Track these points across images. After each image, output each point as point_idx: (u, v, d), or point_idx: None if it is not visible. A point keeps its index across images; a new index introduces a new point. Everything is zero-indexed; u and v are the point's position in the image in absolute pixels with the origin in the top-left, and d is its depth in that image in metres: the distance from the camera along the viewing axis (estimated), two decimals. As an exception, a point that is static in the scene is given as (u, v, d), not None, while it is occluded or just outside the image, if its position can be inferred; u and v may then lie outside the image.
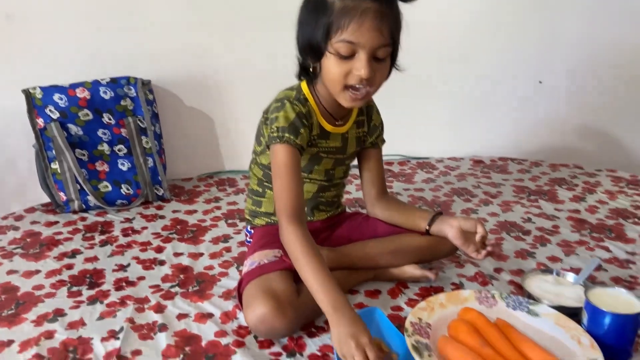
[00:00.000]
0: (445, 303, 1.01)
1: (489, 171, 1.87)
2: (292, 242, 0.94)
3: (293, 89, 1.06)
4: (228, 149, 1.83)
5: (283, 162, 0.99)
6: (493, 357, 0.86)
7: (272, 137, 1.00)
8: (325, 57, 0.95)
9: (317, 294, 0.89)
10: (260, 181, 1.15)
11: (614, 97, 1.98)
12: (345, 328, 0.83)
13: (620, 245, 1.32)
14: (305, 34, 0.96)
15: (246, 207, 1.22)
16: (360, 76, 0.92)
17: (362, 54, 0.91)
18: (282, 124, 0.99)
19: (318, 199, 1.16)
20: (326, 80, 0.98)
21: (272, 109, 1.03)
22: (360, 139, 1.15)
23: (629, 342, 0.90)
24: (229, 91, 1.77)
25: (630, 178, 1.79)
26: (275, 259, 1.04)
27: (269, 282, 0.97)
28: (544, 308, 0.99)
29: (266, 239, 1.11)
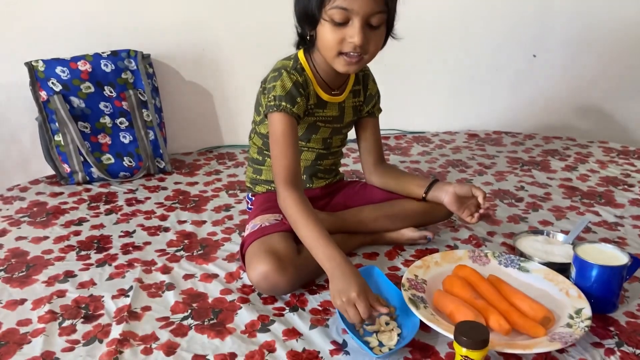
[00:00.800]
0: (440, 261, 1.06)
1: (483, 144, 1.91)
2: (289, 205, 0.98)
3: (290, 58, 1.08)
4: (227, 123, 1.86)
5: (280, 131, 1.02)
6: (485, 308, 0.91)
7: (269, 105, 1.03)
8: (320, 25, 0.96)
9: (315, 251, 0.94)
10: (260, 150, 1.18)
11: (607, 70, 2.01)
12: (338, 283, 0.87)
13: (610, 209, 1.37)
14: (301, 2, 0.98)
15: (247, 176, 1.25)
16: (353, 43, 0.94)
17: (355, 21, 0.93)
18: (279, 93, 1.02)
19: (316, 166, 1.20)
20: (321, 48, 1.00)
21: (270, 79, 1.06)
22: (356, 108, 1.18)
23: (614, 293, 0.95)
24: (228, 65, 1.80)
25: (621, 148, 1.83)
26: (276, 221, 1.08)
27: (270, 242, 1.01)
28: (534, 265, 1.04)
29: (267, 204, 1.15)
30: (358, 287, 0.86)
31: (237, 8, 1.74)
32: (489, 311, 0.90)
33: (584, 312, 0.89)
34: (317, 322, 0.93)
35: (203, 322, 0.93)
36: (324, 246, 0.93)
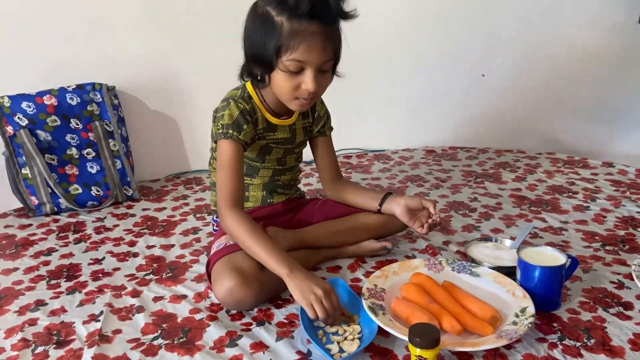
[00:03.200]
0: (398, 271, 1.13)
1: (440, 159, 2.01)
2: (235, 226, 1.04)
3: (238, 88, 1.16)
4: (193, 149, 1.92)
5: (226, 157, 1.08)
6: (439, 311, 0.98)
7: (218, 133, 1.10)
8: (275, 72, 1.03)
9: (269, 262, 1.00)
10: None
11: (549, 87, 2.16)
12: (302, 281, 0.96)
13: (555, 216, 1.47)
14: (254, 48, 1.03)
15: (211, 200, 1.30)
16: (307, 90, 1.02)
17: (309, 71, 1.01)
18: (227, 122, 1.09)
19: (275, 182, 1.26)
20: (275, 91, 1.07)
21: (220, 108, 1.13)
22: (307, 129, 1.26)
23: (556, 292, 1.04)
24: (192, 94, 1.86)
25: (567, 159, 1.96)
26: None
27: (234, 259, 1.06)
28: (484, 269, 1.12)
29: None
30: (322, 284, 0.96)
31: (199, 38, 1.81)
32: (442, 314, 0.97)
33: (528, 310, 0.97)
34: (283, 334, 0.98)
35: (173, 340, 0.96)
36: (277, 257, 0.99)
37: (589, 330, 0.97)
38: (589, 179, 1.74)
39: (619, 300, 1.06)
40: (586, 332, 0.97)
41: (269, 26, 0.99)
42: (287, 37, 0.97)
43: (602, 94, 2.18)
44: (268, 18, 0.99)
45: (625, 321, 0.99)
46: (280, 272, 0.98)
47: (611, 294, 1.08)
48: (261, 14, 1.01)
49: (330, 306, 0.94)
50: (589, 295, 1.08)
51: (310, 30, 0.97)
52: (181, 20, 1.78)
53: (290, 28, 0.97)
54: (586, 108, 2.19)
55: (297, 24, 0.97)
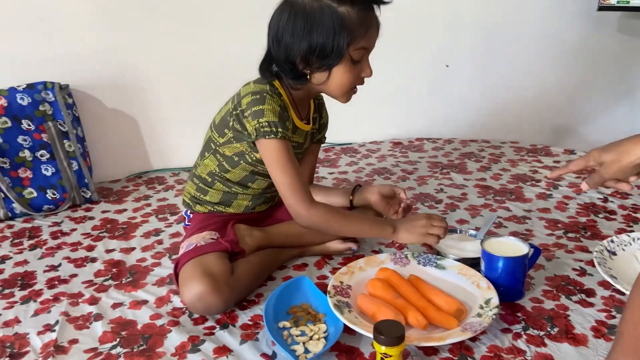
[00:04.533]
0: (364, 266, 1.12)
1: (406, 151, 2.01)
2: (323, 219, 1.06)
3: (263, 83, 1.08)
4: (154, 147, 1.86)
5: (285, 157, 1.04)
6: (404, 306, 0.97)
7: (263, 131, 1.02)
8: (339, 65, 1.02)
9: (373, 233, 1.12)
10: (213, 172, 1.18)
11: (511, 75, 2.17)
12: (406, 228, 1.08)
13: (519, 204, 1.48)
14: (315, 45, 0.99)
15: (187, 191, 1.24)
16: (366, 77, 1.06)
17: (366, 58, 1.05)
18: (272, 119, 1.02)
19: (265, 194, 1.23)
20: (334, 85, 1.05)
21: (250, 102, 1.04)
22: (313, 135, 1.24)
23: (519, 281, 1.04)
24: (151, 90, 1.80)
25: (530, 147, 1.98)
26: (211, 240, 1.10)
27: (205, 262, 1.03)
28: (449, 262, 1.12)
29: (205, 223, 1.17)
30: (417, 218, 1.09)
31: (156, 33, 1.75)
32: (408, 309, 0.96)
33: (492, 301, 0.97)
34: (247, 337, 0.96)
35: (132, 349, 0.93)
36: (375, 224, 1.10)
37: (552, 319, 0.98)
38: (551, 166, 1.77)
39: (581, 288, 1.07)
40: (549, 320, 0.97)
41: (334, 19, 0.98)
42: (357, 26, 0.99)
43: (563, 82, 2.22)
44: (328, 11, 0.98)
45: (588, 308, 1.01)
46: (387, 235, 1.09)
47: (574, 281, 1.10)
48: (316, 9, 0.98)
49: (439, 224, 1.08)
50: (552, 284, 1.09)
51: (372, 15, 1.02)
52: (137, 14, 1.72)
53: (358, 16, 0.99)
54: (548, 96, 2.22)
55: (363, 11, 1.00)
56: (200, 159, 1.21)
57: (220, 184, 1.18)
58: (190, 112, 1.83)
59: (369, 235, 1.18)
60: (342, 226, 1.09)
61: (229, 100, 1.14)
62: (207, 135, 1.19)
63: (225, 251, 1.08)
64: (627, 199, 1.49)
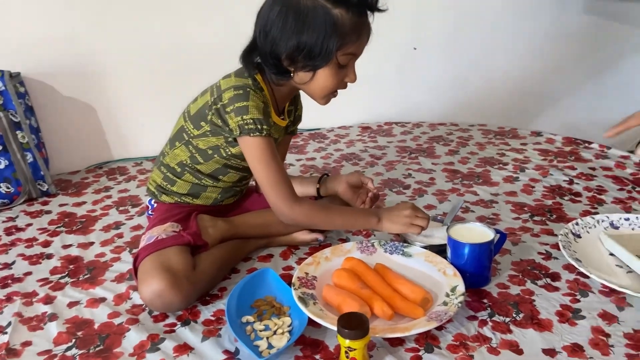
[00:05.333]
0: (330, 256, 1.09)
1: (375, 136, 1.98)
2: (307, 216, 1.05)
3: (244, 76, 1.04)
4: (115, 137, 1.79)
5: (268, 154, 1.02)
6: (370, 296, 0.95)
7: (248, 129, 1.00)
8: (323, 68, 0.98)
9: (358, 225, 1.13)
10: (183, 163, 1.13)
11: (479, 57, 2.17)
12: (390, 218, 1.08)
13: (486, 188, 1.48)
14: (304, 45, 0.96)
15: (152, 179, 1.19)
16: (349, 83, 1.04)
17: (352, 63, 1.02)
18: (257, 115, 1.00)
19: (234, 188, 1.20)
20: (315, 86, 1.02)
21: (232, 97, 1.00)
22: (287, 129, 1.21)
23: (486, 267, 1.04)
24: (110, 77, 1.73)
25: (498, 130, 1.98)
26: (173, 233, 1.06)
27: (165, 256, 0.99)
28: (416, 249, 1.10)
29: (168, 214, 1.13)
30: (402, 206, 1.10)
31: (115, 17, 1.68)
32: (374, 299, 0.95)
33: (458, 288, 0.96)
34: (209, 333, 0.93)
35: (88, 350, 0.89)
36: (360, 215, 1.11)
37: (517, 305, 0.97)
38: (518, 149, 1.77)
39: (547, 272, 1.07)
40: (515, 306, 0.97)
41: (327, 21, 0.94)
42: (349, 31, 0.96)
43: (531, 64, 2.22)
44: (322, 11, 0.94)
45: (553, 292, 1.01)
46: (372, 226, 1.10)
47: (539, 265, 1.10)
48: (310, 7, 0.95)
49: (423, 215, 1.09)
50: (518, 268, 1.09)
51: (365, 22, 0.99)
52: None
53: (351, 21, 0.96)
54: (516, 78, 2.22)
55: (357, 16, 0.97)
56: (169, 147, 1.16)
57: (189, 175, 1.14)
58: (152, 100, 1.77)
59: (354, 227, 1.19)
60: (327, 221, 1.09)
61: (207, 90, 1.10)
62: (179, 124, 1.14)
63: (187, 244, 1.04)
64: (592, 180, 1.50)
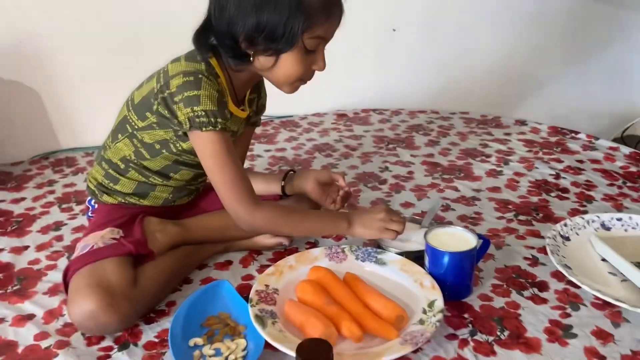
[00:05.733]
0: (294, 264, 0.97)
1: (351, 124, 1.86)
2: (269, 222, 0.93)
3: (196, 60, 0.90)
4: (62, 124, 1.63)
5: (224, 151, 0.88)
6: (337, 314, 0.84)
7: (199, 122, 0.86)
8: (288, 53, 0.86)
9: (326, 230, 1.02)
10: (127, 158, 0.99)
11: (463, 40, 2.04)
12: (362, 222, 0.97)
13: (468, 183, 1.37)
14: (264, 24, 0.83)
15: (92, 176, 1.05)
16: (318, 70, 0.91)
17: (322, 49, 0.90)
18: (210, 107, 0.86)
19: (187, 187, 1.06)
20: (279, 73, 0.90)
21: (182, 85, 0.86)
22: (248, 119, 1.07)
23: (467, 277, 0.93)
24: (55, 59, 1.56)
25: (480, 118, 1.87)
26: (112, 241, 0.92)
27: (101, 270, 0.85)
28: (391, 256, 0.99)
29: (109, 218, 0.99)
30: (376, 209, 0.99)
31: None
32: (341, 318, 0.83)
33: (437, 304, 0.85)
34: (150, 358, 0.80)
35: (4, 383, 0.76)
36: (328, 220, 0.99)
37: (502, 320, 0.87)
38: (502, 139, 1.66)
39: (534, 280, 0.97)
40: (499, 322, 0.87)
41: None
42: (317, 11, 0.84)
43: (515, 49, 2.11)
44: None
45: (541, 305, 0.90)
46: (342, 231, 0.99)
47: (525, 272, 0.99)
48: None
49: (398, 219, 0.98)
50: (502, 276, 0.98)
51: (335, 2, 0.88)
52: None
53: (321, 1, 0.84)
54: (499, 63, 2.11)
55: None
56: (111, 140, 1.01)
57: (135, 173, 1.00)
58: (104, 82, 1.60)
59: (322, 233, 1.08)
60: (292, 227, 0.97)
61: (153, 75, 0.95)
62: (122, 113, 1.00)
63: (128, 254, 0.90)
64: (580, 174, 1.40)
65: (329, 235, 1.11)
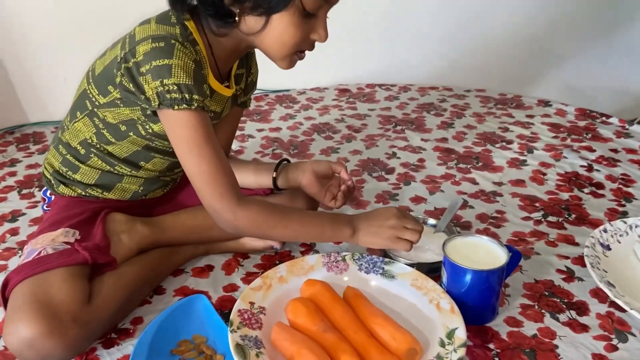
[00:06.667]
0: (286, 276, 0.81)
1: (354, 101, 1.67)
2: (254, 221, 0.77)
3: (169, 22, 0.74)
4: (29, 95, 1.46)
5: (202, 136, 0.73)
6: (336, 344, 0.69)
7: (170, 98, 0.71)
8: (283, 12, 0.71)
9: (325, 236, 0.83)
10: (87, 142, 0.83)
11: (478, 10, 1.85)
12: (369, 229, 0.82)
13: (487, 175, 1.20)
14: None
15: (48, 162, 0.89)
16: (318, 41, 0.77)
17: (322, 15, 0.75)
18: (184, 79, 0.71)
19: (161, 178, 0.90)
20: (271, 40, 0.74)
21: (150, 52, 0.71)
22: (235, 98, 0.90)
23: (492, 298, 0.77)
24: (19, 23, 1.37)
25: (499, 97, 1.69)
26: (64, 247, 0.75)
27: (46, 284, 0.69)
28: (400, 267, 0.83)
29: (67, 213, 0.82)
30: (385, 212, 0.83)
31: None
32: (340, 350, 0.68)
33: (457, 334, 0.70)
34: (106, 395, 0.65)
35: None
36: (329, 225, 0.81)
37: (535, 354, 0.72)
38: (524, 122, 1.48)
39: (570, 300, 0.82)
40: (532, 356, 0.71)
41: None
42: None
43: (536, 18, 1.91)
44: None
45: (581, 334, 0.75)
46: (344, 239, 0.83)
47: (559, 290, 0.84)
48: None
49: (413, 226, 0.82)
50: (533, 294, 0.83)
51: None
52: None
53: None
54: (519, 34, 1.92)
55: None
56: (69, 119, 0.84)
57: (97, 160, 0.84)
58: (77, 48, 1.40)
59: (319, 240, 0.91)
60: (282, 231, 0.81)
61: (119, 41, 0.77)
62: (82, 86, 0.82)
63: (83, 264, 0.74)
64: (616, 166, 1.23)
65: (328, 242, 0.94)
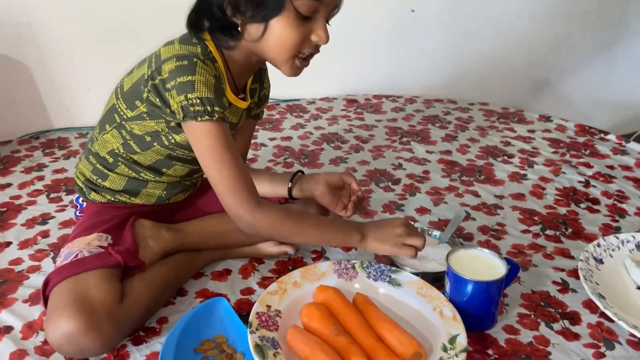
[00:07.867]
0: (299, 281, 0.88)
1: (362, 111, 1.74)
2: (273, 223, 0.84)
3: (191, 42, 0.81)
4: (55, 101, 1.52)
5: (223, 144, 0.79)
6: (347, 347, 0.75)
7: (194, 111, 0.77)
8: (281, 17, 0.77)
9: (337, 241, 0.91)
10: (115, 152, 0.89)
11: (487, 22, 1.90)
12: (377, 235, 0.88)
13: (489, 188, 1.26)
14: None
15: (79, 171, 0.95)
16: (318, 42, 0.81)
17: (321, 18, 0.79)
18: (207, 94, 0.77)
19: (183, 182, 0.97)
20: (272, 45, 0.80)
21: (174, 70, 0.77)
22: (249, 111, 0.97)
23: (492, 307, 0.84)
24: (45, 30, 1.43)
25: (502, 111, 1.75)
26: (99, 250, 0.82)
27: (84, 284, 0.76)
28: (406, 276, 0.89)
29: (99, 218, 0.89)
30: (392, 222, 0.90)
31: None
32: (351, 352, 0.74)
33: (459, 340, 0.76)
34: (137, 389, 0.72)
35: (-30, 416, 0.68)
36: (340, 230, 0.89)
37: (530, 359, 0.78)
38: (525, 137, 1.55)
39: (564, 310, 0.88)
40: (527, 362, 0.78)
41: None
42: None
43: (540, 34, 1.97)
44: None
45: (572, 342, 0.82)
46: (354, 244, 0.90)
47: (555, 300, 0.90)
48: None
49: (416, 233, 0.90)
50: (530, 304, 0.89)
51: None
52: None
53: None
54: (523, 48, 1.97)
55: None
56: (98, 131, 0.91)
57: (124, 167, 0.90)
58: (102, 58, 1.48)
59: (331, 244, 0.97)
60: (298, 234, 0.88)
61: (145, 60, 0.84)
62: (111, 101, 0.89)
63: (115, 267, 0.81)
64: (611, 182, 1.29)
65: (338, 246, 1.01)
